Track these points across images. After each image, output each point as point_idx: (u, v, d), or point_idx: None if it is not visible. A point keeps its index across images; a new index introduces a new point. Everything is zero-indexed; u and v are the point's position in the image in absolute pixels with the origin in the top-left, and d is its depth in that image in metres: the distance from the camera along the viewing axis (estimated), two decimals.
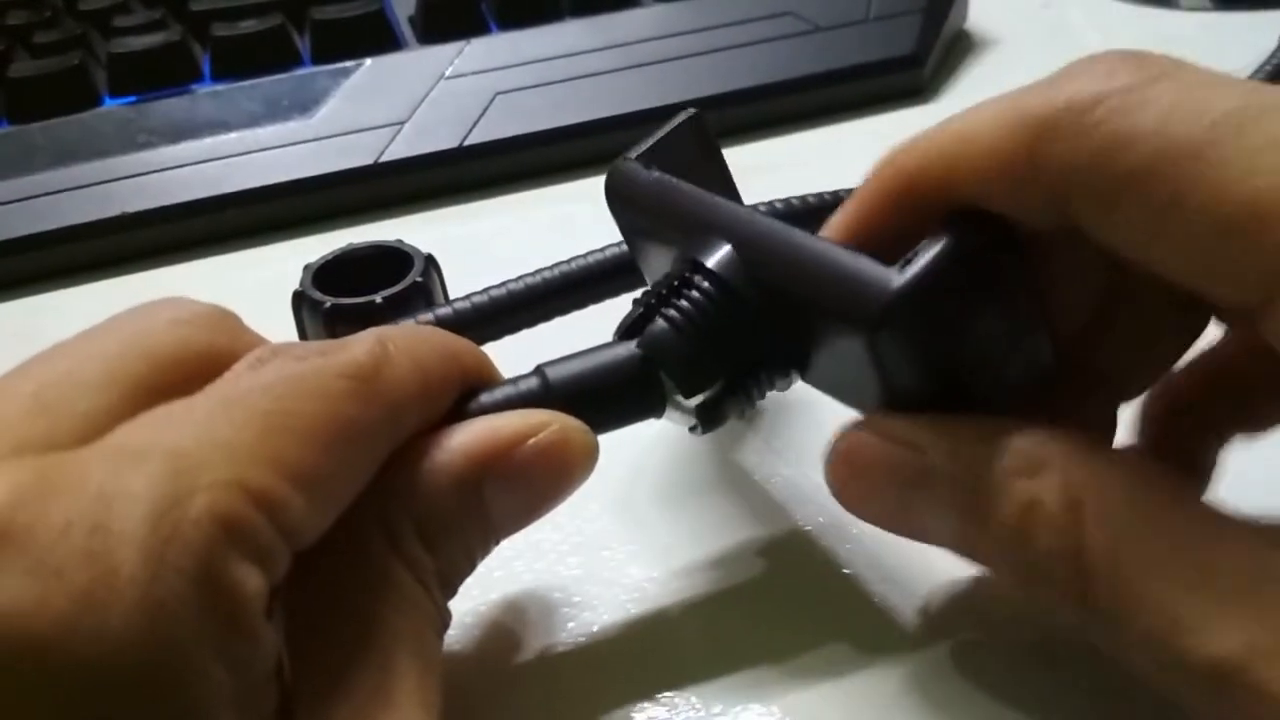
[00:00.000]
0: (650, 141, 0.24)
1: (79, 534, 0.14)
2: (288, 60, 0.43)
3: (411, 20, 0.46)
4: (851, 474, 0.20)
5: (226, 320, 0.19)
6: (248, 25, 0.44)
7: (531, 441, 0.19)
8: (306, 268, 0.31)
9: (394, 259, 0.31)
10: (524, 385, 0.20)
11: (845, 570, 0.23)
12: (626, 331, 0.21)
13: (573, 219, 0.37)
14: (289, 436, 0.16)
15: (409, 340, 0.19)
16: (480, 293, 0.28)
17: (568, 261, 0.28)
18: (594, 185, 0.36)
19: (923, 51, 0.43)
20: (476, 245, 0.36)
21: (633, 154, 0.24)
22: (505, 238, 0.37)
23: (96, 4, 0.47)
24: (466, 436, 0.19)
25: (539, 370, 0.21)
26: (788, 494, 0.26)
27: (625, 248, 0.27)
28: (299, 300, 0.30)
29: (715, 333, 0.21)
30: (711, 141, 0.26)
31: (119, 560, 0.14)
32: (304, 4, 0.45)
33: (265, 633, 0.15)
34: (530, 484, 0.20)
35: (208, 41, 0.44)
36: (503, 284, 0.28)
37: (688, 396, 0.21)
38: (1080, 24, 0.48)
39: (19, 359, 0.17)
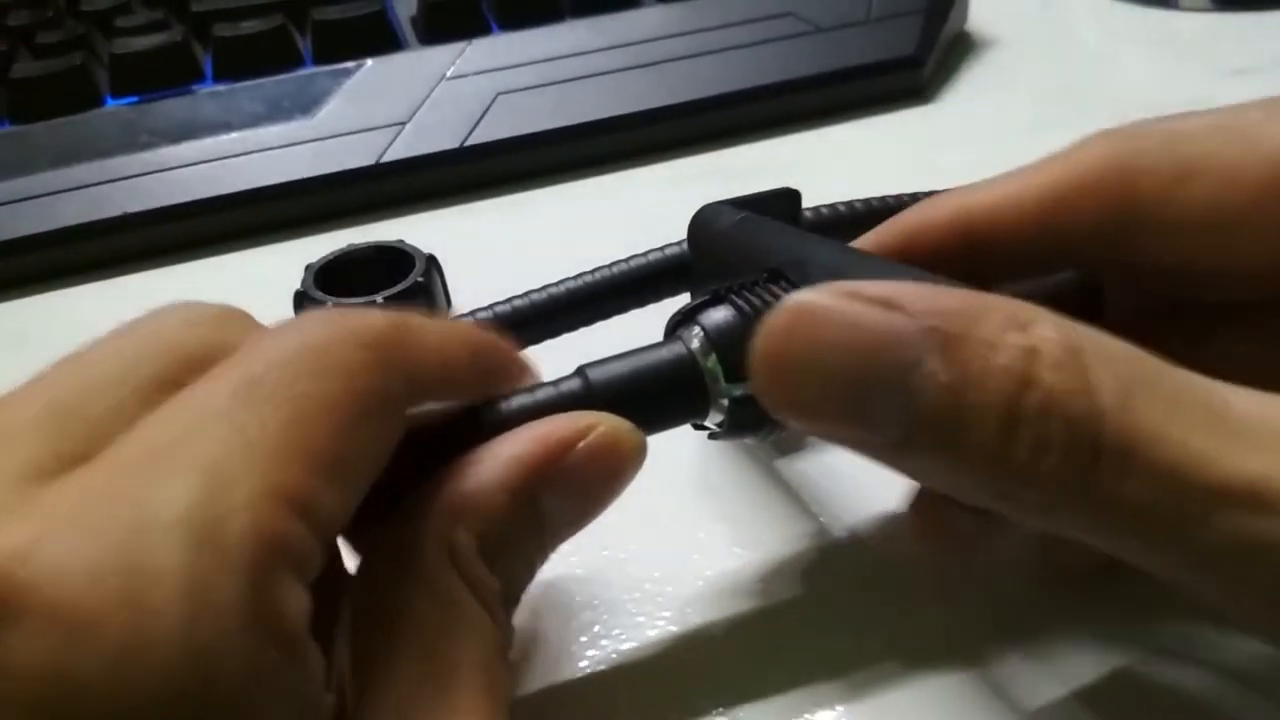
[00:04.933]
0: (741, 197, 0.24)
1: (111, 577, 0.13)
2: (289, 61, 0.44)
3: (413, 21, 0.46)
4: (793, 345, 0.16)
5: (238, 318, 0.19)
6: (249, 26, 0.44)
7: (582, 444, 0.19)
8: (308, 268, 0.31)
9: (395, 259, 0.32)
10: (565, 386, 0.20)
11: (865, 577, 0.23)
12: (688, 313, 0.21)
13: (574, 219, 0.37)
14: (314, 421, 0.15)
15: (433, 321, 0.19)
16: (539, 290, 0.27)
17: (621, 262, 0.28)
18: (594, 186, 0.36)
19: (923, 52, 0.43)
20: (478, 245, 0.36)
21: (720, 201, 0.24)
22: (506, 238, 0.37)
23: (98, 4, 0.48)
24: (518, 446, 0.19)
25: (580, 371, 0.20)
26: (798, 493, 0.26)
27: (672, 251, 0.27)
28: (300, 300, 0.30)
29: None
30: (799, 218, 0.26)
31: (156, 604, 0.13)
32: (305, 4, 0.46)
33: (312, 651, 0.15)
34: (584, 488, 0.19)
35: (209, 42, 0.44)
36: (554, 284, 0.27)
37: (729, 380, 0.20)
38: (1080, 25, 0.49)
39: (18, 359, 0.17)
